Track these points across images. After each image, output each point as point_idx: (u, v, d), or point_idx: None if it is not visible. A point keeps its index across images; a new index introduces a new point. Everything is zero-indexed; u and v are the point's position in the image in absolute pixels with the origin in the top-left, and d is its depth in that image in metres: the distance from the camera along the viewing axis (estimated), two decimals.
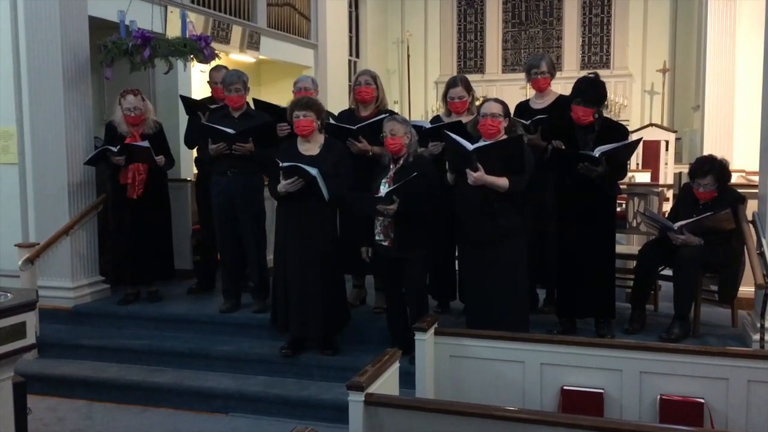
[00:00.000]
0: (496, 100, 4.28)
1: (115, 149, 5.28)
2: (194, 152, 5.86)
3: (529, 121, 4.70)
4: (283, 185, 4.41)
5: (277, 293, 4.67)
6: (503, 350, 3.53)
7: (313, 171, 4.32)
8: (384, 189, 4.26)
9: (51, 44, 5.43)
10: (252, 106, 5.34)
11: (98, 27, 5.87)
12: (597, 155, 4.28)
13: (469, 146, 4.08)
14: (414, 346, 3.53)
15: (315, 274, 4.50)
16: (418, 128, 4.71)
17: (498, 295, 4.16)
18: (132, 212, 5.37)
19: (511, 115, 4.33)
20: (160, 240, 5.63)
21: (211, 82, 5.76)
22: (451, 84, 4.90)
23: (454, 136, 4.20)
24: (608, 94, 4.89)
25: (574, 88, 4.53)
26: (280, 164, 4.39)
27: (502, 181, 4.06)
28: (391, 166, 4.37)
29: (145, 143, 5.28)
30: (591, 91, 4.46)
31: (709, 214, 4.56)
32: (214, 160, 5.10)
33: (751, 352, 3.82)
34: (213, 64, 5.83)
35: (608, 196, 4.60)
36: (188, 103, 5.81)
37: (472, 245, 4.27)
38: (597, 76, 4.57)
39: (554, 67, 5.03)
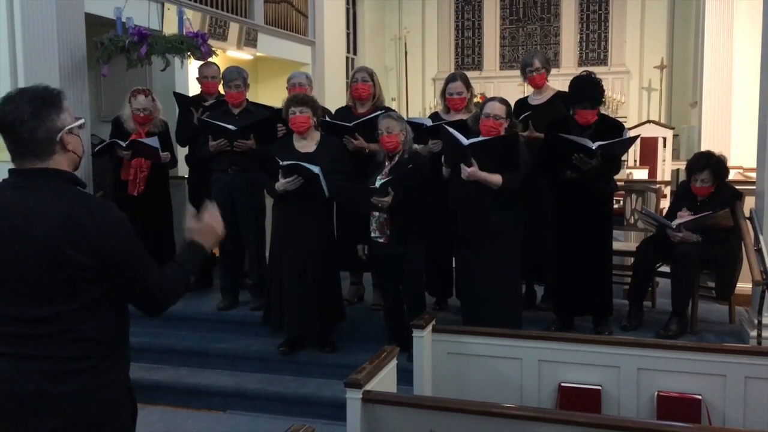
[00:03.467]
0: (501, 101, 4.28)
1: (123, 144, 5.27)
2: (185, 151, 5.83)
3: (519, 120, 4.69)
4: (282, 183, 4.39)
5: (272, 292, 4.66)
6: (501, 347, 3.53)
7: (316, 169, 4.30)
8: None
9: (48, 42, 5.40)
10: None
11: (95, 24, 5.85)
12: (594, 148, 4.28)
13: (465, 141, 4.09)
14: (412, 343, 3.53)
15: (312, 273, 4.49)
16: (418, 126, 4.70)
17: (490, 290, 4.17)
18: (132, 209, 5.35)
19: (513, 116, 4.33)
20: (161, 237, 5.61)
21: (201, 77, 5.70)
22: (450, 79, 4.89)
23: (451, 130, 4.20)
24: (606, 91, 4.91)
25: (574, 93, 4.51)
26: (280, 163, 4.38)
27: (496, 178, 4.07)
28: (387, 163, 4.37)
29: (155, 141, 5.26)
30: (594, 93, 4.46)
31: (708, 213, 4.56)
32: (214, 157, 5.09)
33: (748, 348, 3.83)
34: (204, 62, 5.80)
35: (605, 193, 4.60)
36: (182, 100, 5.78)
37: (464, 241, 4.28)
38: (589, 73, 4.58)
39: (548, 62, 5.05)
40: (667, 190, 7.18)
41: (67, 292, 1.99)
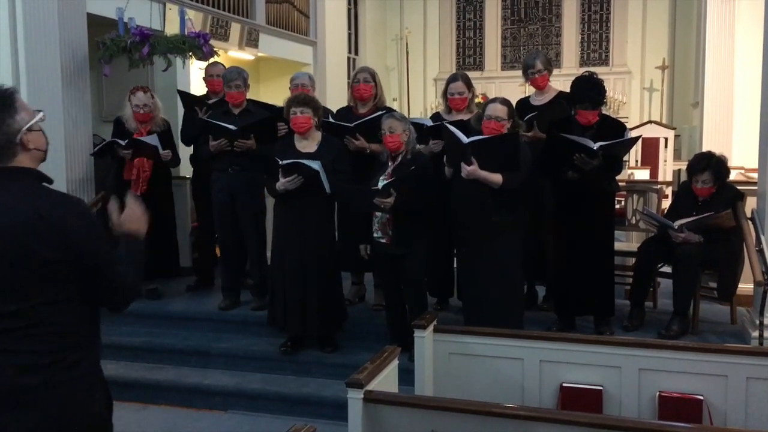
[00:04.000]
0: (503, 102, 4.27)
1: (123, 143, 5.27)
2: (190, 150, 5.84)
3: (524, 120, 4.70)
4: (282, 183, 4.40)
5: (275, 292, 4.67)
6: (502, 347, 3.53)
7: (316, 165, 4.30)
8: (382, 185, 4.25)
9: (49, 42, 5.41)
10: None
11: (97, 24, 5.86)
12: (595, 148, 4.28)
13: (465, 139, 4.09)
14: (413, 343, 3.53)
15: (313, 272, 4.50)
16: (419, 126, 4.71)
17: (491, 290, 4.17)
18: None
19: (515, 117, 4.32)
20: (163, 237, 5.61)
21: (206, 75, 5.72)
22: (451, 80, 4.90)
23: (451, 128, 4.20)
24: (607, 92, 4.91)
25: (576, 93, 4.50)
26: (280, 162, 4.38)
27: (496, 177, 4.06)
28: (390, 164, 4.37)
29: (154, 139, 5.27)
30: (595, 93, 4.46)
31: (710, 214, 4.55)
32: (214, 157, 5.10)
33: (749, 348, 3.83)
34: (211, 61, 5.82)
35: (607, 193, 4.60)
36: (186, 98, 5.79)
37: (466, 241, 4.28)
38: (592, 74, 4.57)
39: (550, 63, 5.04)
40: (669, 191, 7.17)
41: (36, 287, 2.00)
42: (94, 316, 2.19)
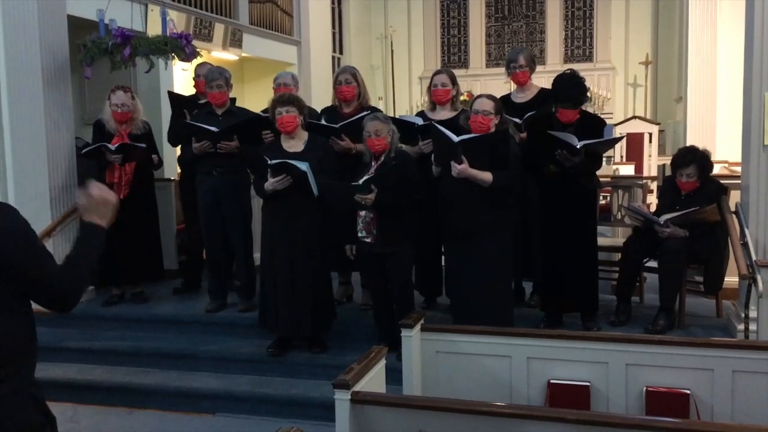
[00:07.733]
0: (489, 97, 4.28)
1: (112, 147, 5.22)
2: (177, 151, 5.81)
3: (521, 121, 4.70)
4: (271, 183, 4.37)
5: (265, 293, 4.64)
6: (490, 345, 3.52)
7: (303, 166, 4.28)
8: None
9: (29, 44, 5.35)
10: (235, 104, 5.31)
11: (77, 26, 5.81)
12: (578, 146, 4.29)
13: (455, 138, 4.08)
14: (401, 343, 3.52)
15: (304, 273, 4.47)
16: (410, 125, 4.70)
17: (481, 289, 4.16)
18: (118, 212, 5.29)
19: (503, 113, 4.32)
20: (147, 241, 5.57)
21: (194, 76, 5.70)
22: (436, 72, 4.94)
23: (440, 128, 4.19)
24: (592, 88, 4.91)
25: (557, 91, 4.49)
26: (269, 161, 4.35)
27: (486, 176, 4.06)
28: (373, 163, 4.35)
29: (142, 144, 5.23)
30: (577, 92, 4.46)
31: (695, 208, 4.58)
32: (199, 158, 5.06)
33: (735, 342, 3.85)
34: (195, 62, 5.79)
35: (590, 190, 4.61)
36: (175, 99, 5.75)
37: (455, 239, 4.27)
38: (574, 72, 4.57)
39: (534, 61, 5.05)
40: (654, 186, 7.22)
41: None
42: (28, 326, 2.02)
